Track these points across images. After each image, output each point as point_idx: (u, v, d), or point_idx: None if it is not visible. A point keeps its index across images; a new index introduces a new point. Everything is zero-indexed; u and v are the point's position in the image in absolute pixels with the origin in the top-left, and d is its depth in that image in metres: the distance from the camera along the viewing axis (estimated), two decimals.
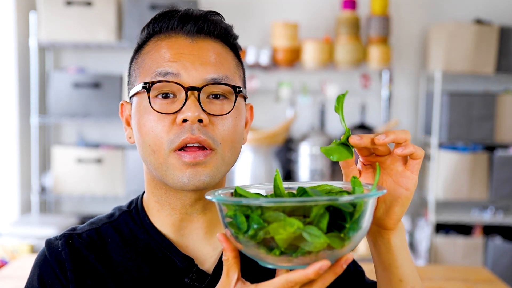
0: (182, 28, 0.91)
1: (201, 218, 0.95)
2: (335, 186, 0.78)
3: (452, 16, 4.06)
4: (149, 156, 0.89)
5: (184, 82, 0.87)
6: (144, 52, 0.92)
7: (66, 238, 0.94)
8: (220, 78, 0.88)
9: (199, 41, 0.90)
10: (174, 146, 0.86)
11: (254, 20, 4.06)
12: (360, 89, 4.06)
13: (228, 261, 0.74)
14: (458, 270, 2.48)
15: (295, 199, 0.68)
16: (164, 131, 0.86)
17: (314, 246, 0.67)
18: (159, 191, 0.94)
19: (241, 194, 0.75)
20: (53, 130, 4.12)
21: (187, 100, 0.86)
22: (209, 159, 0.87)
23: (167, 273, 0.93)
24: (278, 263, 0.70)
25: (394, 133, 0.78)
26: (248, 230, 0.69)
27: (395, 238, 0.83)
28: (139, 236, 0.95)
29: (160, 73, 0.87)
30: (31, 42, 3.78)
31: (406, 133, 0.79)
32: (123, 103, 0.97)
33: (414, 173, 0.80)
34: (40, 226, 3.54)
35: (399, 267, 0.84)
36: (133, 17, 3.72)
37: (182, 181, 0.87)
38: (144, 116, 0.88)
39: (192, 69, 0.87)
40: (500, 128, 3.81)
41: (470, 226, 4.00)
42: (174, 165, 0.87)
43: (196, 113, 0.85)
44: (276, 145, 3.70)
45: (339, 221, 0.69)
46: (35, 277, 0.93)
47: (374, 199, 0.72)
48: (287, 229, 0.66)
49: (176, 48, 0.89)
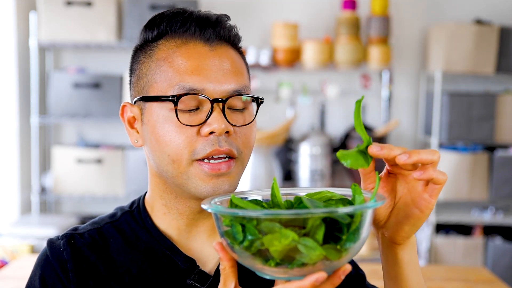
0: (201, 34, 0.90)
1: (206, 222, 0.95)
2: (335, 193, 0.77)
3: (452, 16, 4.06)
4: (167, 165, 0.88)
5: (209, 94, 0.87)
6: (160, 57, 0.90)
7: (68, 238, 0.94)
8: (242, 89, 0.89)
9: (217, 48, 0.90)
10: (198, 157, 0.86)
11: (254, 20, 4.06)
12: (360, 89, 4.06)
13: (225, 270, 0.74)
14: (458, 270, 2.48)
15: (290, 211, 0.66)
16: (187, 141, 0.86)
17: (310, 258, 0.66)
18: (168, 196, 0.93)
19: (237, 204, 0.74)
20: (53, 130, 4.12)
21: (212, 112, 0.86)
22: (232, 169, 0.88)
23: (169, 274, 0.92)
24: (274, 274, 0.69)
25: (418, 154, 0.73)
26: (243, 241, 0.68)
27: (404, 252, 0.82)
28: (141, 236, 0.95)
29: (183, 87, 0.86)
30: (31, 42, 3.78)
31: (434, 154, 0.74)
32: (126, 105, 0.94)
33: (433, 198, 0.77)
34: (40, 226, 3.53)
35: (405, 280, 0.84)
36: (133, 17, 3.72)
37: (206, 191, 0.87)
38: (164, 126, 0.87)
39: (215, 81, 0.87)
40: (500, 128, 3.81)
41: (470, 226, 4.00)
42: (197, 175, 0.87)
43: (223, 126, 0.85)
44: (276, 145, 3.70)
45: (337, 232, 0.68)
46: (37, 277, 0.92)
47: (373, 210, 0.70)
48: (282, 241, 0.65)
49: (197, 58, 0.88)
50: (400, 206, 0.80)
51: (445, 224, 4.00)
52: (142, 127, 0.92)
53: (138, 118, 0.92)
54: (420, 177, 0.74)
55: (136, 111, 0.92)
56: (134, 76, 0.94)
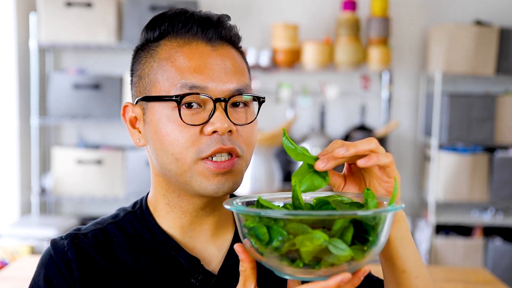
0: (203, 34, 0.91)
1: (209, 220, 0.95)
2: (345, 197, 0.78)
3: (452, 17, 4.06)
4: (171, 164, 0.89)
5: (211, 93, 0.88)
6: (162, 57, 0.90)
7: (72, 237, 0.94)
8: (243, 88, 0.90)
9: (219, 48, 0.91)
10: (203, 156, 0.87)
11: (254, 21, 4.06)
12: (360, 90, 4.06)
13: (245, 272, 0.75)
14: (458, 271, 2.48)
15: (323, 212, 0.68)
16: (191, 140, 0.87)
17: (338, 259, 0.67)
18: (171, 194, 0.94)
19: (264, 205, 0.75)
20: (53, 131, 4.12)
21: (215, 111, 0.87)
22: (236, 167, 0.89)
23: (172, 273, 0.93)
24: (297, 275, 0.70)
25: (355, 146, 0.77)
26: (270, 242, 0.68)
27: (394, 229, 0.82)
28: (145, 236, 0.95)
29: (186, 85, 0.87)
30: (31, 43, 3.78)
31: (371, 142, 0.78)
32: (128, 105, 0.95)
33: (390, 178, 0.80)
34: (40, 227, 3.53)
35: (400, 258, 0.84)
36: (133, 18, 3.72)
37: (211, 188, 0.88)
38: (168, 125, 0.88)
39: (217, 80, 0.88)
40: (500, 129, 3.81)
41: (470, 227, 3.99)
42: (201, 172, 0.88)
43: (226, 125, 0.87)
44: (276, 146, 3.70)
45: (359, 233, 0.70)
46: (41, 277, 0.92)
47: (393, 213, 0.73)
48: (314, 242, 0.66)
49: (199, 57, 0.89)
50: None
51: (445, 225, 4.00)
52: (145, 126, 0.92)
53: (140, 118, 0.93)
54: (365, 165, 0.77)
55: (138, 111, 0.93)
56: (136, 76, 0.94)
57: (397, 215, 0.83)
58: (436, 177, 3.81)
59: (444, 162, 3.79)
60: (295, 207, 0.76)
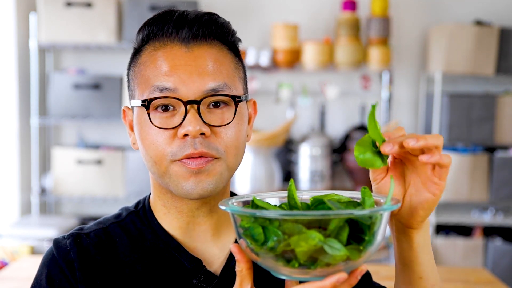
0: (177, 35, 0.89)
1: (208, 221, 0.95)
2: (342, 196, 0.77)
3: (452, 17, 4.06)
4: (152, 167, 0.90)
5: (182, 96, 0.86)
6: (141, 62, 0.92)
7: (74, 237, 0.94)
8: (219, 87, 0.88)
9: (194, 49, 0.89)
10: (176, 158, 0.87)
11: (254, 21, 4.06)
12: (360, 91, 4.06)
13: (241, 272, 0.75)
14: (458, 271, 2.48)
15: (318, 212, 0.67)
16: (166, 143, 0.87)
17: (334, 259, 0.67)
18: (165, 196, 0.94)
19: (259, 205, 0.74)
20: (53, 131, 4.12)
21: (187, 114, 0.86)
22: (210, 166, 0.87)
23: (175, 274, 0.93)
24: (293, 275, 0.70)
25: (424, 139, 0.74)
26: (266, 242, 0.68)
27: (419, 236, 0.82)
28: (147, 236, 0.95)
29: (157, 87, 0.87)
30: (31, 43, 3.78)
31: (439, 139, 0.76)
32: (125, 109, 0.97)
33: (442, 180, 0.78)
34: (40, 228, 3.53)
35: (420, 264, 0.84)
36: (133, 18, 3.72)
37: (185, 189, 0.87)
38: (145, 129, 0.89)
39: (189, 82, 0.86)
40: (500, 129, 3.81)
41: (470, 227, 3.99)
42: (177, 172, 0.87)
43: (197, 127, 0.85)
44: (276, 146, 3.70)
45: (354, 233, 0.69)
46: (43, 276, 0.92)
47: (389, 212, 0.72)
48: (309, 242, 0.66)
49: (171, 59, 0.88)
50: (412, 191, 0.81)
51: (445, 225, 4.00)
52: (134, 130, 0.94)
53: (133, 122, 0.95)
54: (428, 161, 0.75)
55: (131, 115, 0.95)
56: (128, 81, 0.97)
57: (425, 224, 0.82)
58: None
59: None
60: (290, 206, 0.76)
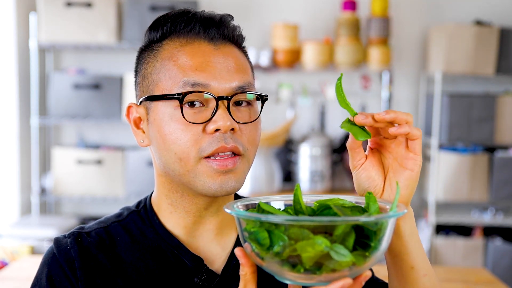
0: (205, 33, 0.91)
1: (213, 220, 0.95)
2: (346, 201, 0.78)
3: (452, 17, 4.06)
4: (174, 164, 0.89)
5: (213, 92, 0.87)
6: (164, 57, 0.91)
7: (75, 236, 0.94)
8: (246, 86, 0.91)
9: (221, 47, 0.91)
10: (205, 154, 0.87)
11: (254, 21, 4.06)
12: (360, 90, 4.06)
13: (246, 276, 0.74)
14: (458, 271, 2.48)
15: (325, 218, 0.67)
16: (193, 139, 0.87)
17: (340, 265, 0.66)
18: (174, 194, 0.94)
19: (264, 209, 0.74)
20: (53, 131, 4.12)
21: (217, 110, 0.87)
22: (238, 165, 0.89)
23: (176, 273, 0.93)
24: (298, 280, 0.69)
25: (395, 113, 0.78)
26: (271, 247, 0.68)
27: (405, 224, 0.82)
28: (148, 235, 0.95)
29: (188, 82, 0.87)
30: (31, 43, 3.78)
31: (408, 115, 0.79)
32: (132, 105, 0.96)
33: (417, 154, 0.81)
34: (40, 228, 3.53)
35: (409, 253, 0.83)
36: (133, 19, 3.72)
37: (213, 187, 0.88)
38: (170, 124, 0.88)
39: (220, 78, 0.88)
40: (500, 129, 3.81)
41: (470, 227, 3.99)
42: (204, 172, 0.88)
43: (228, 123, 0.86)
44: (276, 146, 3.70)
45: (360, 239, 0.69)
46: (44, 275, 0.92)
47: (395, 218, 0.72)
48: (316, 248, 0.66)
49: (201, 56, 0.89)
50: (391, 175, 0.83)
51: (445, 225, 4.00)
52: (148, 126, 0.92)
53: (144, 118, 0.93)
54: (397, 132, 0.79)
55: (142, 111, 0.94)
56: (139, 77, 0.95)
57: (408, 211, 0.82)
58: (436, 177, 3.81)
59: (444, 162, 3.79)
60: (296, 211, 0.75)
